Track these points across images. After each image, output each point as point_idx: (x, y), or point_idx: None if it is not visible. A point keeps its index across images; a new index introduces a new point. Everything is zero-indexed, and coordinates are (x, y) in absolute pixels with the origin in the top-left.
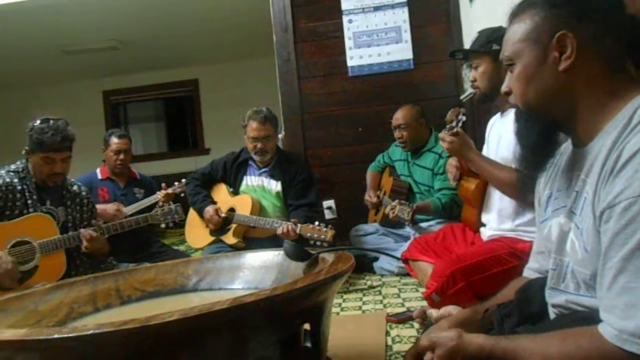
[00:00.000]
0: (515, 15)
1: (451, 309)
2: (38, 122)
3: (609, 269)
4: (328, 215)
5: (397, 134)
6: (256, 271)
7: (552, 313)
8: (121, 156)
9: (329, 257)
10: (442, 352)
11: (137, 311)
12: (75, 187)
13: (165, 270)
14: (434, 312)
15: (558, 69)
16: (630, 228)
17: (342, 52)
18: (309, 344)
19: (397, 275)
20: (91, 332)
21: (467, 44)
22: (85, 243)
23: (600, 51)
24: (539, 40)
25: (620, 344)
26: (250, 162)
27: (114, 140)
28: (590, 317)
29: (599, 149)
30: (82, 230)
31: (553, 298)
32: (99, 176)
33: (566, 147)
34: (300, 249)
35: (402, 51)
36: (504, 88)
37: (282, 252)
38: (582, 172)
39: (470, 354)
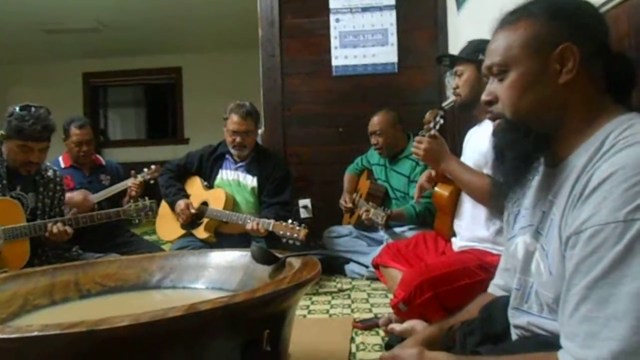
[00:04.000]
0: (508, 22)
1: (415, 324)
2: (18, 108)
3: (572, 296)
4: (303, 214)
5: (373, 139)
6: (222, 271)
7: (514, 334)
8: (84, 147)
9: (296, 262)
10: None
11: (95, 306)
12: (50, 172)
13: (128, 265)
14: (396, 327)
15: (557, 81)
16: (595, 256)
17: (327, 51)
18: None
19: (367, 279)
20: (35, 334)
21: (452, 52)
22: (49, 232)
23: (593, 69)
24: (540, 49)
25: None
26: (227, 156)
27: (74, 130)
28: (551, 343)
29: (569, 170)
30: (50, 225)
31: (515, 319)
32: (62, 164)
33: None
34: (267, 252)
35: (387, 54)
36: (485, 96)
37: (249, 253)
38: (551, 193)
39: None
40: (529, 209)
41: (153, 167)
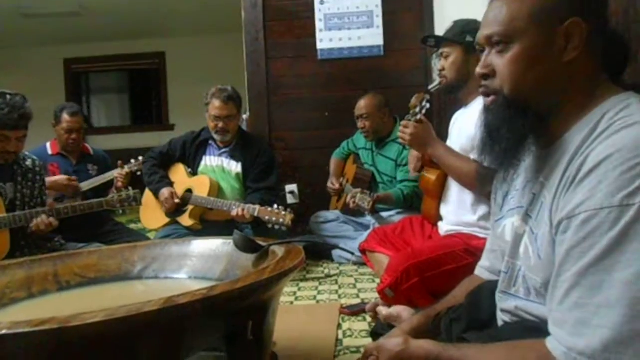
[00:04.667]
0: None
1: (400, 310)
2: None
3: (563, 282)
4: (290, 199)
5: (359, 123)
6: (205, 260)
7: (500, 319)
8: (73, 135)
9: (280, 250)
10: (387, 357)
11: (74, 299)
12: (29, 162)
13: (109, 255)
14: (383, 310)
15: (562, 58)
16: (588, 242)
17: (313, 34)
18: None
19: (354, 264)
20: (4, 332)
21: (438, 34)
22: (34, 226)
23: (594, 47)
24: (547, 23)
25: None
26: (211, 142)
27: (66, 117)
28: (538, 328)
29: (562, 152)
30: (36, 218)
31: (503, 302)
32: (49, 151)
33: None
34: (250, 241)
35: (373, 37)
36: (481, 69)
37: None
38: (542, 175)
39: None
40: (518, 190)
41: (140, 158)
